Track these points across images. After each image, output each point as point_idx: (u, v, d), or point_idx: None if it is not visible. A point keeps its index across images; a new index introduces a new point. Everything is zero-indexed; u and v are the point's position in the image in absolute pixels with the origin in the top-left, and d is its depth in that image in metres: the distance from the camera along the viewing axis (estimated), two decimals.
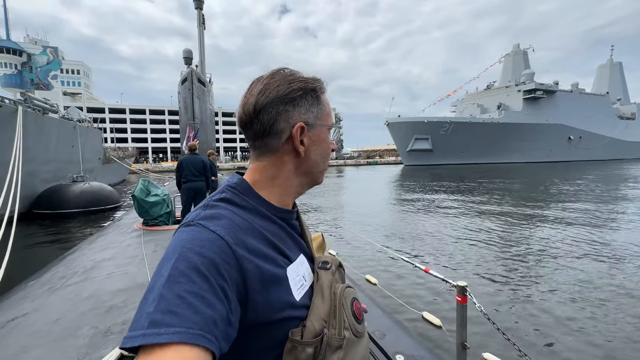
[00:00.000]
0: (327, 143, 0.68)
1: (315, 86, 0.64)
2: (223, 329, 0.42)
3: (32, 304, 2.77)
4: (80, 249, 4.78)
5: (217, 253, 0.46)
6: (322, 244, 0.74)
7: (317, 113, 0.64)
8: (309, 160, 0.65)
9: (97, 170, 21.03)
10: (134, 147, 46.35)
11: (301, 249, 0.67)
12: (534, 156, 57.59)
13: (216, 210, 0.55)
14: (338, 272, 0.70)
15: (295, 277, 0.59)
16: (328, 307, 0.60)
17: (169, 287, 0.40)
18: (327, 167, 0.70)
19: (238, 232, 0.52)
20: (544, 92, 56.21)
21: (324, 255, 0.72)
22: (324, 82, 0.67)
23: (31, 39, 49.49)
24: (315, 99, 0.64)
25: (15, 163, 7.79)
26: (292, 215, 0.69)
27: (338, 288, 0.63)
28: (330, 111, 0.68)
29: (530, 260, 5.88)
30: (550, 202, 12.65)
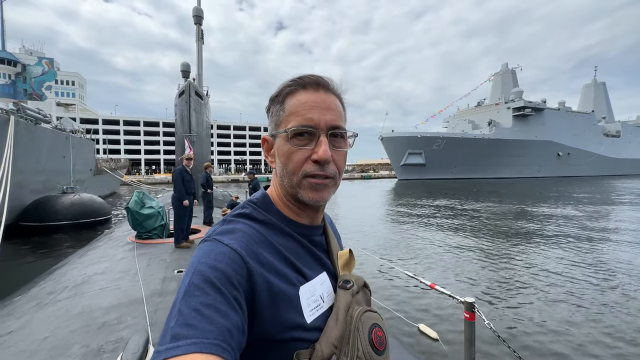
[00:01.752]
0: (283, 151, 0.58)
1: (280, 89, 0.60)
2: (238, 339, 0.43)
3: (17, 321, 2.64)
4: (69, 262, 4.61)
5: (229, 265, 0.47)
6: (349, 260, 0.66)
7: (276, 120, 0.60)
8: (278, 173, 0.61)
9: (88, 181, 20.64)
10: (127, 159, 45.82)
11: (324, 267, 0.64)
12: (524, 172, 58.77)
13: (233, 225, 0.55)
14: (362, 293, 0.63)
15: (309, 297, 0.56)
16: (341, 331, 0.54)
17: (185, 302, 0.43)
18: (298, 179, 0.58)
19: (252, 245, 0.52)
20: (532, 109, 57.94)
21: (348, 274, 0.65)
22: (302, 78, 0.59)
23: (27, 50, 49.57)
24: (278, 105, 0.60)
25: (4, 173, 7.60)
26: (314, 231, 0.66)
27: (356, 311, 0.56)
28: (296, 111, 0.57)
29: (527, 273, 5.88)
30: (549, 217, 12.80)
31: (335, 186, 0.60)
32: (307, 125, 0.56)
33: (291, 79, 0.60)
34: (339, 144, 0.60)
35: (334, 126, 0.58)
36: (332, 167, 0.58)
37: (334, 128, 0.58)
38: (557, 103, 67.05)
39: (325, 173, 0.57)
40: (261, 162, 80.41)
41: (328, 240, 0.69)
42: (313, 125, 0.57)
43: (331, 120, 0.58)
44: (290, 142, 0.57)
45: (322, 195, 0.58)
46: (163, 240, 5.22)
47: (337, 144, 0.60)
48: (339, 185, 0.62)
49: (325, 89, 0.60)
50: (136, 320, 2.41)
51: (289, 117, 0.58)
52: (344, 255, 0.67)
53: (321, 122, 0.57)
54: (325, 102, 0.58)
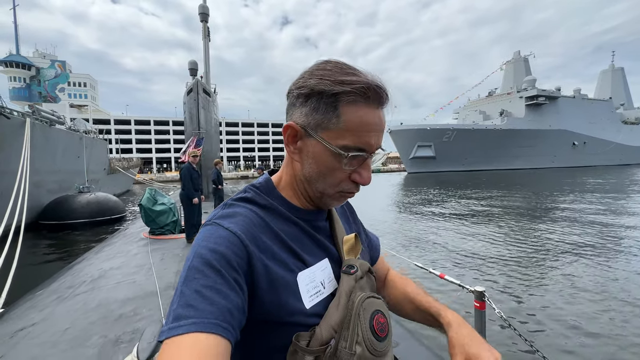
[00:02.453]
0: (325, 163, 0.54)
1: (335, 90, 0.50)
2: (239, 318, 0.44)
3: (40, 313, 2.76)
4: (87, 258, 4.77)
5: (229, 247, 0.47)
6: (354, 246, 0.64)
7: (321, 122, 0.52)
8: (303, 169, 0.58)
9: (102, 180, 21.19)
10: (139, 158, 46.78)
11: (327, 253, 0.62)
12: (538, 162, 57.35)
13: (233, 209, 0.55)
14: (367, 278, 0.62)
15: (308, 283, 0.55)
16: (341, 316, 0.53)
17: (187, 284, 0.44)
18: (331, 192, 0.57)
19: (252, 229, 0.52)
20: (546, 98, 56.28)
21: (352, 259, 0.63)
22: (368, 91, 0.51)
23: (40, 54, 50.80)
24: (328, 105, 0.52)
25: (23, 174, 7.87)
26: (318, 217, 0.64)
27: (358, 296, 0.55)
28: (357, 130, 0.52)
29: (543, 264, 5.78)
30: (563, 206, 12.51)
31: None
32: (363, 149, 0.53)
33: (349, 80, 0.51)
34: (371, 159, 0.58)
35: (379, 147, 0.56)
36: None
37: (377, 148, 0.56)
38: (572, 90, 64.88)
39: (358, 190, 0.58)
40: (270, 159, 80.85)
41: (333, 225, 0.67)
42: (368, 150, 0.53)
43: (380, 143, 0.56)
44: (335, 159, 0.53)
45: (344, 202, 0.60)
46: (175, 235, 5.34)
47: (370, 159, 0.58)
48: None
49: (384, 105, 0.55)
50: (151, 312, 2.48)
51: (345, 133, 0.52)
52: (349, 240, 0.65)
53: (374, 147, 0.54)
54: (382, 124, 0.54)
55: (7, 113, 10.20)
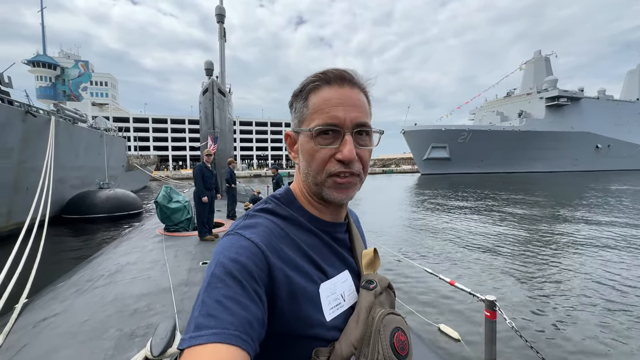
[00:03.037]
0: (307, 150, 0.57)
1: (303, 85, 0.58)
2: (258, 331, 0.44)
3: (61, 305, 2.88)
4: (105, 252, 4.95)
5: (250, 259, 0.48)
6: (373, 260, 0.64)
7: (300, 117, 0.58)
8: (301, 169, 0.61)
9: (120, 177, 21.88)
10: (155, 155, 48.05)
11: (347, 265, 0.62)
12: (559, 165, 55.33)
13: (255, 220, 0.56)
14: (386, 294, 0.62)
15: (329, 295, 0.55)
16: (361, 332, 0.52)
17: (208, 293, 0.44)
18: (323, 178, 0.57)
19: (273, 240, 0.52)
20: (568, 99, 54.20)
21: (372, 274, 0.62)
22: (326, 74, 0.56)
23: (65, 54, 52.92)
24: (302, 101, 0.58)
25: (47, 170, 8.23)
26: (338, 228, 0.65)
27: (378, 312, 0.55)
28: (320, 109, 0.56)
29: (559, 276, 5.59)
30: (582, 213, 12.04)
31: (360, 183, 0.59)
32: (332, 123, 0.55)
33: (314, 74, 0.58)
34: (364, 141, 0.58)
35: (359, 124, 0.56)
36: (358, 165, 0.57)
37: (360, 126, 0.56)
38: (597, 91, 62.23)
39: (350, 170, 0.56)
40: (282, 157, 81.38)
41: (352, 238, 0.67)
42: (338, 123, 0.55)
43: (356, 118, 0.56)
44: (314, 141, 0.55)
45: (347, 193, 0.58)
46: (189, 233, 5.46)
47: (362, 141, 0.58)
48: (363, 182, 0.61)
49: (351, 83, 0.57)
50: (165, 307, 2.55)
51: (313, 114, 0.56)
52: (369, 254, 0.65)
53: (346, 120, 0.55)
54: (350, 99, 0.56)
55: (34, 111, 10.67)
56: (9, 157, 9.77)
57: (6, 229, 9.78)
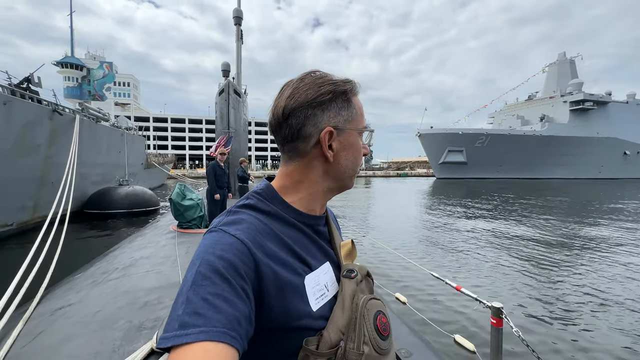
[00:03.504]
0: (358, 147, 0.65)
1: (346, 88, 0.62)
2: (246, 328, 0.45)
3: (76, 295, 3.00)
4: (121, 246, 5.12)
5: (236, 255, 0.48)
6: (351, 251, 0.68)
7: (347, 116, 0.62)
8: (338, 165, 0.63)
9: (139, 174, 22.62)
10: (173, 154, 49.39)
11: (328, 257, 0.65)
12: (582, 172, 53.01)
13: (238, 216, 0.56)
14: (365, 282, 0.65)
15: (314, 286, 0.57)
16: (348, 319, 0.55)
17: (194, 291, 0.43)
18: (357, 171, 0.66)
19: (257, 236, 0.53)
20: (594, 103, 51.90)
21: (351, 264, 0.67)
22: (356, 83, 0.64)
23: (91, 55, 55.31)
24: (345, 102, 0.62)
25: (71, 166, 8.61)
26: (318, 221, 0.67)
27: (361, 299, 0.58)
28: (363, 114, 0.66)
29: (572, 285, 5.35)
30: (607, 221, 11.49)
31: None
32: (368, 126, 0.67)
33: (347, 80, 0.64)
34: None
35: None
36: None
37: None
38: (626, 95, 59.21)
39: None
40: None
41: (330, 231, 0.70)
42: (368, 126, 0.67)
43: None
44: (360, 140, 0.65)
45: None
46: (201, 230, 5.57)
47: None
48: None
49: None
50: (173, 302, 2.61)
51: (360, 117, 0.65)
52: (346, 245, 0.69)
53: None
54: None
55: (60, 110, 11.19)
56: (37, 153, 10.29)
57: (32, 222, 10.30)
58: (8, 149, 9.05)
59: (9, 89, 9.36)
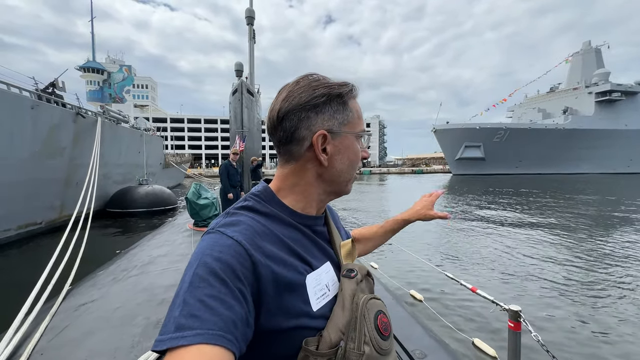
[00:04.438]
0: (354, 151, 0.64)
1: (341, 91, 0.61)
2: (242, 330, 0.44)
3: (99, 291, 3.13)
4: (140, 244, 5.29)
5: (234, 257, 0.48)
6: (351, 250, 0.68)
7: (342, 120, 0.62)
8: (332, 169, 0.62)
9: (158, 174, 23.28)
10: (190, 154, 50.58)
11: (328, 257, 0.65)
12: (609, 166, 50.42)
13: (236, 218, 0.56)
14: (366, 281, 0.65)
15: (315, 285, 0.57)
16: (348, 318, 0.55)
17: (190, 293, 0.43)
18: (354, 176, 0.66)
19: (256, 237, 0.53)
20: (622, 93, 49.18)
21: (351, 263, 0.67)
22: (355, 86, 0.63)
23: (111, 59, 57.22)
24: (340, 105, 0.61)
25: (94, 166, 8.97)
26: (317, 222, 0.67)
27: (361, 299, 0.58)
28: (360, 117, 0.65)
29: (597, 288, 5.10)
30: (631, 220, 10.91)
31: None
32: (365, 129, 0.66)
33: (344, 82, 0.63)
34: None
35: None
36: None
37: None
38: None
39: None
40: None
41: (330, 230, 0.70)
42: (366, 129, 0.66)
43: None
44: (357, 144, 0.64)
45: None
46: None
47: None
48: None
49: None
50: None
51: (357, 120, 0.64)
52: (347, 245, 0.69)
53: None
54: None
55: (84, 113, 11.66)
56: (62, 155, 10.77)
57: (59, 220, 10.82)
58: (36, 151, 9.51)
59: (36, 94, 9.81)
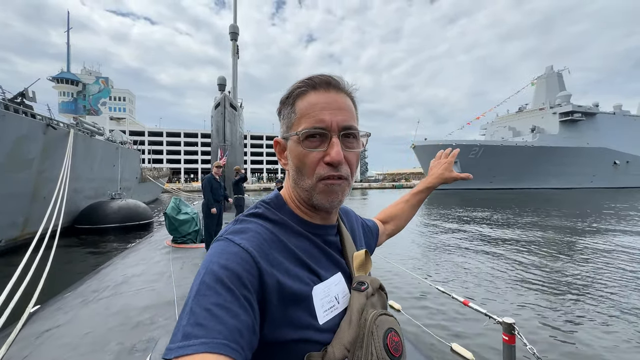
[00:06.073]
0: (297, 154, 0.57)
1: (290, 93, 0.58)
2: (248, 338, 0.43)
3: (65, 315, 2.86)
4: (113, 263, 4.96)
5: (240, 264, 0.47)
6: (364, 262, 0.63)
7: (288, 123, 0.59)
8: (290, 174, 0.61)
9: (133, 188, 22.34)
10: (168, 168, 49.10)
11: (339, 267, 0.62)
12: (575, 182, 53.80)
13: (245, 225, 0.55)
14: (378, 295, 0.61)
15: (323, 297, 0.54)
16: (354, 334, 0.52)
17: (197, 301, 0.43)
18: (313, 183, 0.56)
19: (263, 245, 0.52)
20: (582, 114, 53.26)
21: (363, 275, 0.63)
22: (313, 79, 0.57)
23: (87, 71, 55.60)
24: (289, 107, 0.59)
25: (63, 180, 8.45)
26: (329, 231, 0.65)
27: (370, 314, 0.54)
28: (307, 113, 0.56)
29: (589, 296, 5.29)
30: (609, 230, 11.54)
31: (349, 187, 0.59)
32: (318, 126, 0.55)
33: (300, 80, 0.58)
34: (351, 144, 0.59)
35: (345, 127, 0.57)
36: (346, 167, 0.57)
37: (346, 129, 0.57)
38: (613, 106, 60.96)
39: (339, 173, 0.56)
40: None
41: (343, 240, 0.67)
42: (324, 126, 0.55)
43: (343, 121, 0.56)
44: (302, 145, 0.56)
45: (337, 197, 0.57)
46: (196, 245, 5.44)
47: (350, 144, 0.58)
48: (352, 186, 0.61)
49: (336, 88, 0.58)
50: (167, 321, 2.50)
51: (300, 119, 0.57)
52: (360, 256, 0.65)
53: (332, 123, 0.55)
54: (336, 102, 0.57)
55: (54, 124, 11.10)
56: (30, 167, 10.12)
57: (21, 238, 10.01)
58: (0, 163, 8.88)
59: (3, 104, 9.27)
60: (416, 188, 1.02)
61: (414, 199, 1.01)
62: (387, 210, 1.02)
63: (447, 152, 1.04)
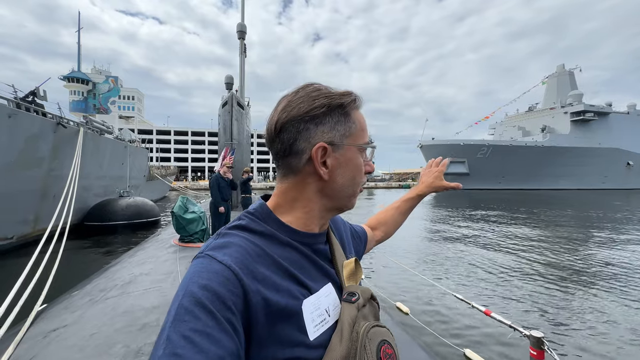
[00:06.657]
0: (357, 164, 0.60)
1: (343, 101, 0.58)
2: None
3: (71, 315, 2.84)
4: (121, 261, 4.96)
5: (222, 284, 0.44)
6: (354, 270, 0.61)
7: (344, 131, 0.58)
8: (334, 184, 0.58)
9: (142, 186, 22.59)
10: (175, 166, 49.59)
11: (329, 278, 0.59)
12: (586, 182, 52.69)
13: (227, 239, 0.52)
14: (370, 306, 0.59)
15: (314, 311, 0.52)
16: (346, 350, 0.49)
17: (174, 328, 0.40)
18: (358, 190, 0.62)
19: (248, 260, 0.49)
20: (595, 114, 52.11)
21: (353, 285, 0.60)
22: (358, 96, 0.60)
23: (97, 70, 56.37)
24: (342, 116, 0.58)
25: (73, 178, 8.54)
26: (317, 240, 0.61)
27: (362, 326, 0.52)
28: (364, 128, 0.61)
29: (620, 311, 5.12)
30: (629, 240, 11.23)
31: None
32: (371, 141, 0.62)
33: (346, 92, 0.59)
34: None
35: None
36: None
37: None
38: (627, 106, 59.47)
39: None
40: None
41: (332, 249, 0.64)
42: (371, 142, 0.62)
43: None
44: (360, 157, 0.60)
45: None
46: (203, 244, 5.42)
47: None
48: None
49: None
50: None
51: (361, 132, 0.60)
52: (350, 265, 0.63)
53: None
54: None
55: (65, 123, 11.25)
56: (40, 166, 10.26)
57: (32, 235, 10.17)
58: (11, 162, 9.01)
59: (15, 102, 9.40)
60: (407, 195, 1.03)
61: (404, 206, 1.02)
62: (377, 217, 1.03)
63: (437, 161, 1.05)
